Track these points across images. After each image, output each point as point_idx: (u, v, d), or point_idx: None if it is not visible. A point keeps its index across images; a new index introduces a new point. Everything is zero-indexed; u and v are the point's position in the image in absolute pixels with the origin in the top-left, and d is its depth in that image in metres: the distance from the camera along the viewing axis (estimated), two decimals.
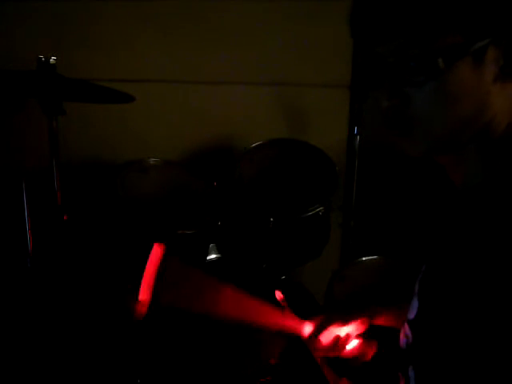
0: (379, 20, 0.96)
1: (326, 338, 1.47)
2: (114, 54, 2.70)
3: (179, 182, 2.49)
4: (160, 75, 2.75)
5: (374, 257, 2.32)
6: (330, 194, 2.39)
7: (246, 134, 2.74)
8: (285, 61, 2.73)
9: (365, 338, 1.50)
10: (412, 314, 0.99)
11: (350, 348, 1.48)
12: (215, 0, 2.66)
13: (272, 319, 1.48)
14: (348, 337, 1.46)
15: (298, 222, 2.34)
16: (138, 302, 1.35)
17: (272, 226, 2.30)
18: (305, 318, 1.52)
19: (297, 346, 1.93)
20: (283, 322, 1.49)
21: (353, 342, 1.48)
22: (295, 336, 1.50)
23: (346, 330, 1.47)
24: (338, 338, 1.46)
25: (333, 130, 2.80)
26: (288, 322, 1.50)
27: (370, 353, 1.50)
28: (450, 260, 0.91)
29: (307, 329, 1.49)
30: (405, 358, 1.02)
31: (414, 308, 0.99)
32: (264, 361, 1.94)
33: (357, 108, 2.43)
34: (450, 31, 0.92)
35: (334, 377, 1.49)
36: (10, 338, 2.27)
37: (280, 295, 1.53)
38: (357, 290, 2.21)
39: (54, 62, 2.01)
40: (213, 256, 2.42)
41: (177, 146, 2.81)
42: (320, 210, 2.34)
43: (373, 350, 1.51)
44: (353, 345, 1.48)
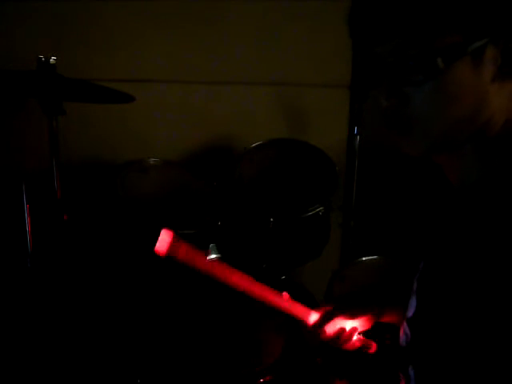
0: (377, 20, 0.96)
1: (330, 329, 1.47)
2: (113, 54, 2.70)
3: (179, 181, 2.49)
4: (160, 75, 2.75)
5: (374, 257, 2.32)
6: (330, 193, 2.39)
7: (245, 134, 2.74)
8: (285, 61, 2.73)
9: (366, 338, 1.51)
10: (410, 312, 1.00)
11: (352, 341, 1.48)
12: (215, 0, 2.66)
13: (280, 301, 1.49)
14: (353, 330, 1.47)
15: (297, 221, 2.34)
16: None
17: (272, 226, 2.30)
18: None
19: (297, 345, 1.93)
20: (291, 306, 1.49)
21: (356, 337, 1.49)
22: (300, 323, 1.50)
23: (352, 325, 1.47)
24: (342, 330, 1.46)
25: (333, 130, 2.80)
26: (295, 307, 1.50)
27: (372, 349, 1.52)
28: (447, 258, 0.91)
29: (313, 317, 1.49)
30: (404, 357, 1.02)
31: (412, 306, 0.99)
32: (264, 361, 1.94)
33: (357, 108, 2.43)
34: (448, 31, 0.92)
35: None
36: (10, 338, 2.28)
37: (287, 296, 1.53)
38: (357, 289, 2.21)
39: (54, 62, 2.01)
40: (213, 256, 2.42)
41: (177, 146, 2.81)
42: (320, 210, 2.34)
43: (372, 349, 1.52)
44: (355, 339, 1.49)
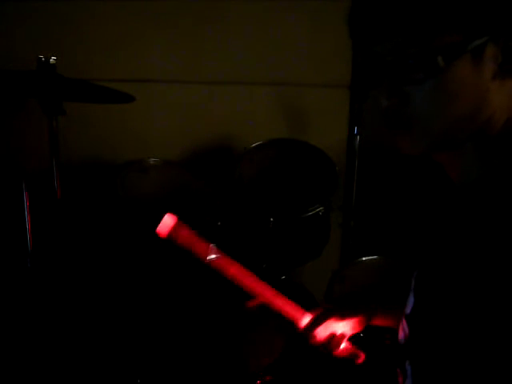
0: (376, 19, 0.96)
1: (321, 333, 1.47)
2: (113, 54, 2.70)
3: (179, 181, 2.49)
4: (160, 75, 2.75)
5: (374, 257, 2.32)
6: (330, 194, 2.39)
7: (245, 134, 2.74)
8: (285, 61, 2.73)
9: (356, 346, 1.52)
10: (408, 309, 1.00)
11: (341, 348, 1.48)
12: (215, 0, 2.66)
13: (275, 300, 1.49)
14: (343, 336, 1.47)
15: (298, 221, 2.34)
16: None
17: (272, 226, 2.30)
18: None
19: (297, 345, 1.93)
20: (285, 305, 1.50)
21: (345, 344, 1.49)
22: (292, 325, 1.50)
23: (342, 328, 1.47)
24: (333, 336, 1.46)
25: (333, 130, 2.80)
26: (289, 307, 1.50)
27: (359, 360, 1.51)
28: (445, 256, 0.92)
29: (305, 319, 1.49)
30: (402, 353, 1.02)
31: (410, 303, 0.99)
32: (264, 361, 1.94)
33: (357, 108, 2.43)
34: (448, 29, 0.92)
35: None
36: (10, 338, 2.28)
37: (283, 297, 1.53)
38: (357, 290, 2.21)
39: (54, 62, 2.01)
40: (213, 256, 2.42)
41: (177, 145, 2.81)
42: (320, 210, 2.34)
43: (360, 360, 1.52)
44: (344, 346, 1.49)
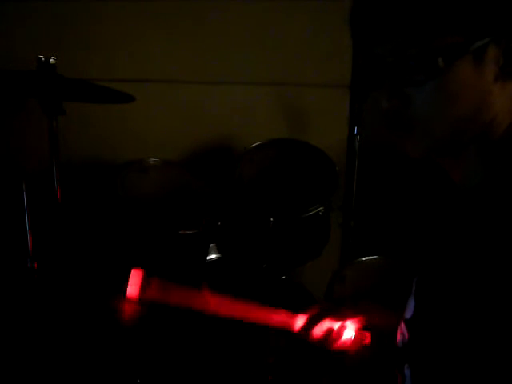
0: (377, 20, 0.95)
1: (318, 331, 1.43)
2: (113, 54, 2.70)
3: (179, 181, 2.49)
4: (160, 75, 2.74)
5: (374, 257, 2.32)
6: (330, 194, 2.39)
7: (245, 134, 2.74)
8: (285, 61, 2.72)
9: (359, 330, 1.46)
10: (409, 314, 1.00)
11: (343, 340, 1.42)
12: (215, 0, 2.66)
13: (262, 315, 1.46)
14: (342, 328, 1.42)
15: (297, 221, 2.34)
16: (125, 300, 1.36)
17: (272, 225, 2.30)
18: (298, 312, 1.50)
19: (296, 345, 1.93)
20: (274, 317, 1.47)
21: (346, 334, 1.43)
22: (288, 331, 1.48)
23: (339, 325, 1.43)
24: (330, 331, 1.42)
25: (333, 130, 2.80)
26: (278, 317, 1.47)
27: (366, 341, 1.46)
28: (446, 260, 0.91)
29: (299, 322, 1.45)
30: (401, 357, 1.02)
31: (410, 307, 0.99)
32: (264, 360, 1.94)
33: (357, 108, 2.43)
34: (449, 30, 0.92)
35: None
36: (10, 338, 2.28)
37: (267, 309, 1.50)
38: (357, 290, 2.21)
39: (54, 62, 2.01)
40: (213, 256, 2.42)
41: (177, 146, 2.81)
42: (320, 210, 2.34)
43: (366, 340, 1.45)
44: (346, 336, 1.43)
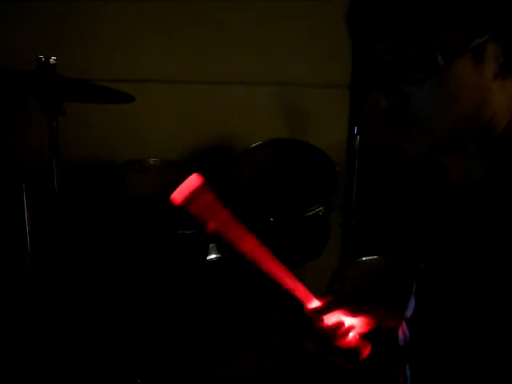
0: (375, 19, 0.95)
1: (329, 320, 1.38)
2: (113, 54, 2.70)
3: (179, 182, 2.48)
4: (160, 75, 2.75)
5: (374, 257, 2.32)
6: (330, 194, 2.39)
7: (245, 134, 2.74)
8: (285, 61, 2.72)
9: (362, 336, 1.47)
10: (409, 313, 0.99)
11: (348, 339, 1.39)
12: (215, 0, 2.66)
13: (286, 278, 1.42)
14: (351, 328, 1.39)
15: (297, 221, 2.34)
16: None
17: (272, 226, 2.30)
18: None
19: (296, 345, 1.93)
20: (296, 286, 1.44)
21: (352, 335, 1.40)
22: (301, 305, 1.44)
23: (351, 322, 1.42)
24: (340, 324, 1.37)
25: (333, 130, 2.80)
26: (300, 288, 1.43)
27: (365, 352, 1.45)
28: (447, 259, 0.91)
29: (314, 303, 1.40)
30: (403, 356, 1.02)
31: (411, 307, 0.99)
32: (263, 360, 1.94)
33: (357, 108, 2.43)
34: (449, 28, 0.91)
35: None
36: (10, 338, 2.28)
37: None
38: (357, 290, 2.21)
39: (54, 62, 2.01)
40: (213, 256, 2.42)
41: (177, 146, 2.81)
42: (320, 210, 2.34)
43: (367, 350, 1.46)
44: (351, 337, 1.40)
